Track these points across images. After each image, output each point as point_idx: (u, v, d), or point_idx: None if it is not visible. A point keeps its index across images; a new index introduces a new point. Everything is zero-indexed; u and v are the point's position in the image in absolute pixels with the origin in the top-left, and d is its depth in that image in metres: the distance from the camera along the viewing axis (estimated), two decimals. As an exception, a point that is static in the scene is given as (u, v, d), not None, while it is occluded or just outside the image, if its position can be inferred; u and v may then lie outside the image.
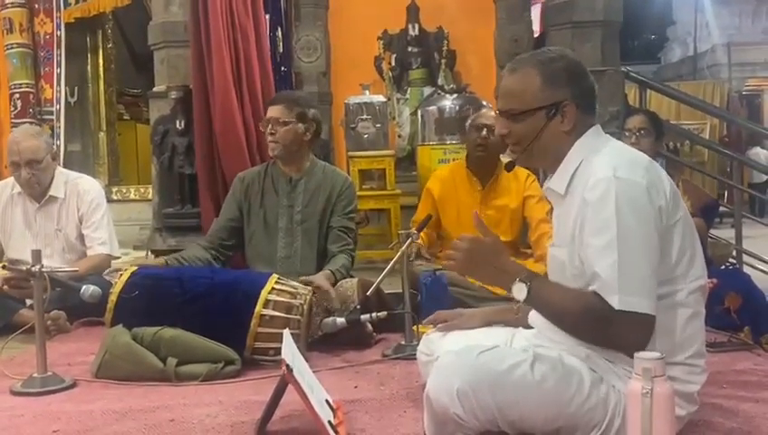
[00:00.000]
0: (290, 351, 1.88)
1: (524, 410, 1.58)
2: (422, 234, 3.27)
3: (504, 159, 3.65)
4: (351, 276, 3.09)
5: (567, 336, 1.70)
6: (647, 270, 1.57)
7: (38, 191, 3.49)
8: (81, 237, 3.56)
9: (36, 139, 3.47)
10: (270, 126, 3.14)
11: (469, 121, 3.52)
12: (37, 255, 2.42)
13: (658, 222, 1.60)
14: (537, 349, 1.72)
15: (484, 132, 3.37)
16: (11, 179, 3.56)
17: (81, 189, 3.57)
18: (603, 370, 1.65)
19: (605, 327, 1.58)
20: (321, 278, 2.87)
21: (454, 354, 1.62)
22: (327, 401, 1.94)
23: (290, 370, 1.78)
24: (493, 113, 3.45)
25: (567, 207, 1.73)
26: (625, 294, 1.54)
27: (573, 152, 1.74)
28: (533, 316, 1.86)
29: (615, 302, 1.55)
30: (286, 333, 1.99)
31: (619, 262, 1.55)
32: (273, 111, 3.15)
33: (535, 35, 5.76)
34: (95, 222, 3.55)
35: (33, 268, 2.39)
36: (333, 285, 2.94)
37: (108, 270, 3.29)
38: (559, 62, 1.75)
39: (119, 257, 3.64)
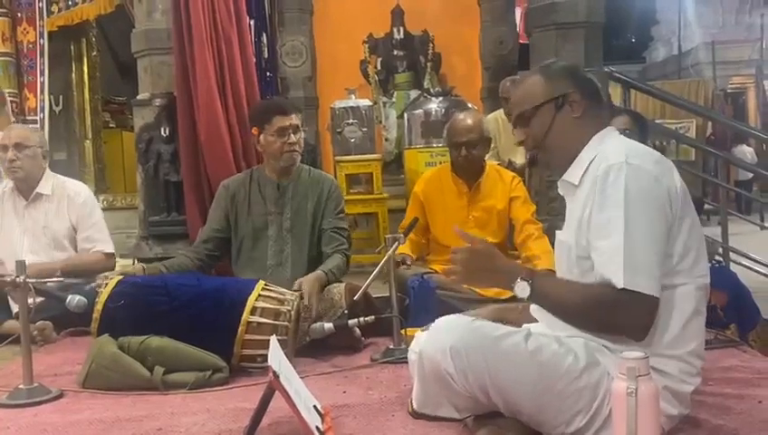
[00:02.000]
0: (277, 357, 1.88)
1: (514, 379, 1.61)
2: (409, 241, 3.28)
3: (488, 160, 3.66)
4: (339, 281, 3.09)
5: (569, 327, 1.72)
6: (652, 253, 1.60)
7: (21, 178, 3.49)
8: (70, 237, 3.55)
9: (29, 130, 3.70)
10: (292, 135, 3.10)
11: (446, 133, 3.49)
12: (21, 265, 2.40)
13: (667, 210, 1.63)
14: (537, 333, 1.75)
15: (464, 151, 3.36)
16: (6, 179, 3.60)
17: (71, 192, 3.58)
18: (602, 356, 1.66)
19: (610, 310, 1.60)
20: (307, 283, 2.86)
21: (451, 317, 1.66)
22: (315, 406, 1.94)
23: (276, 376, 1.77)
24: (469, 122, 3.40)
25: (578, 195, 1.77)
26: (630, 274, 1.56)
27: (589, 147, 1.79)
28: (536, 308, 1.88)
29: (620, 281, 1.57)
30: (273, 339, 1.99)
31: (624, 242, 1.58)
32: (293, 119, 3.12)
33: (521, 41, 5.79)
34: (95, 223, 3.58)
35: (17, 279, 2.37)
36: (326, 284, 2.93)
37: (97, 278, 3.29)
38: (557, 64, 1.90)
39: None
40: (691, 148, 9.94)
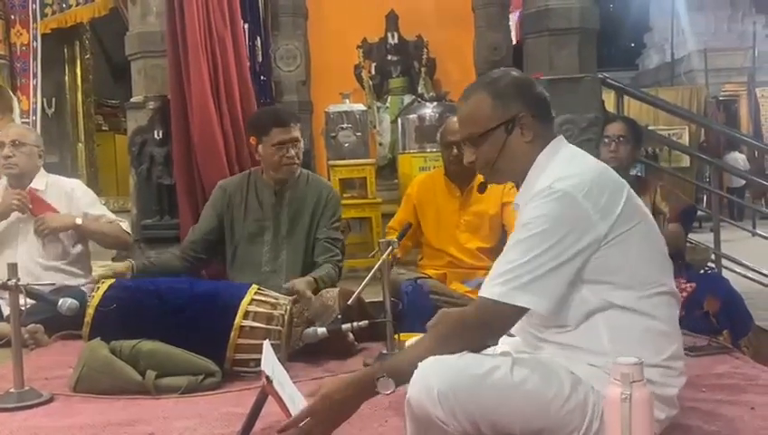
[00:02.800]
0: (270, 362, 1.87)
1: (504, 412, 1.59)
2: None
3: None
4: (334, 286, 3.08)
5: (548, 341, 1.72)
6: (543, 269, 1.60)
7: (16, 175, 3.48)
8: (65, 232, 3.55)
9: (27, 129, 3.83)
10: (290, 149, 3.08)
11: (439, 136, 3.51)
12: (13, 268, 2.39)
13: (587, 231, 1.62)
14: (518, 354, 1.74)
15: (455, 151, 3.36)
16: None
17: (67, 189, 3.59)
18: (584, 373, 1.66)
19: (476, 324, 1.66)
20: (301, 283, 2.85)
21: (433, 359, 1.63)
22: (308, 411, 1.93)
23: (269, 381, 1.77)
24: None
25: None
26: (510, 288, 1.61)
27: (535, 166, 1.78)
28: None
29: (495, 293, 1.62)
30: (266, 344, 1.98)
31: (517, 260, 1.62)
32: (292, 132, 3.09)
33: (513, 42, 5.81)
34: (101, 209, 3.63)
35: (8, 281, 2.36)
36: (315, 293, 2.93)
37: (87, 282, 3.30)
38: (504, 79, 1.81)
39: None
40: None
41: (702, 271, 3.68)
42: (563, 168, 1.72)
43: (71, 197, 3.56)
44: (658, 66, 18.97)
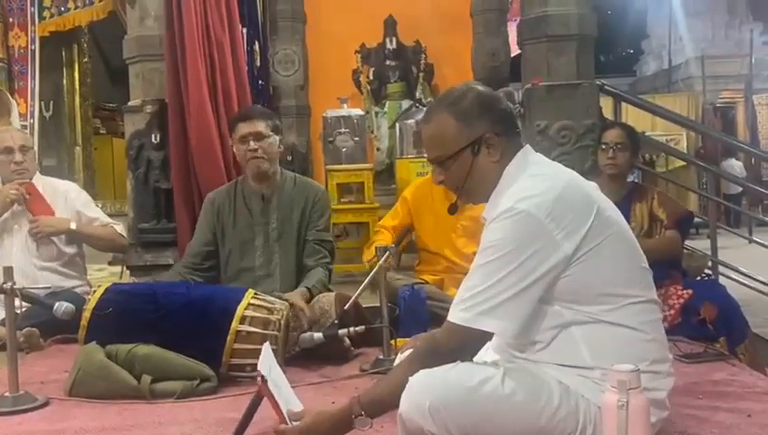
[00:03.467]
0: (267, 363, 1.86)
1: (496, 424, 1.59)
2: (390, 235, 3.30)
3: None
4: (330, 290, 3.08)
5: (529, 361, 1.72)
6: (507, 293, 1.60)
7: (27, 180, 3.48)
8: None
9: (25, 132, 3.99)
10: (251, 142, 3.06)
11: None
12: (9, 271, 2.39)
13: (552, 252, 1.60)
14: (508, 364, 1.74)
15: None
16: None
17: (62, 190, 3.60)
18: (573, 383, 1.65)
19: (446, 349, 1.67)
20: (295, 296, 2.86)
21: (424, 373, 1.63)
22: (304, 417, 1.92)
23: (264, 381, 1.76)
24: None
25: None
26: (473, 313, 1.61)
27: (502, 181, 1.76)
28: (493, 341, 1.85)
29: (461, 319, 1.62)
30: (266, 345, 1.97)
31: (479, 284, 1.62)
32: (255, 126, 3.06)
33: (512, 54, 5.82)
34: (95, 211, 3.65)
35: (4, 285, 2.35)
36: (309, 300, 2.92)
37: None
38: (468, 98, 1.77)
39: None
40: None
41: (699, 278, 3.69)
42: (528, 184, 1.69)
43: (65, 198, 3.57)
44: (656, 73, 19.01)
